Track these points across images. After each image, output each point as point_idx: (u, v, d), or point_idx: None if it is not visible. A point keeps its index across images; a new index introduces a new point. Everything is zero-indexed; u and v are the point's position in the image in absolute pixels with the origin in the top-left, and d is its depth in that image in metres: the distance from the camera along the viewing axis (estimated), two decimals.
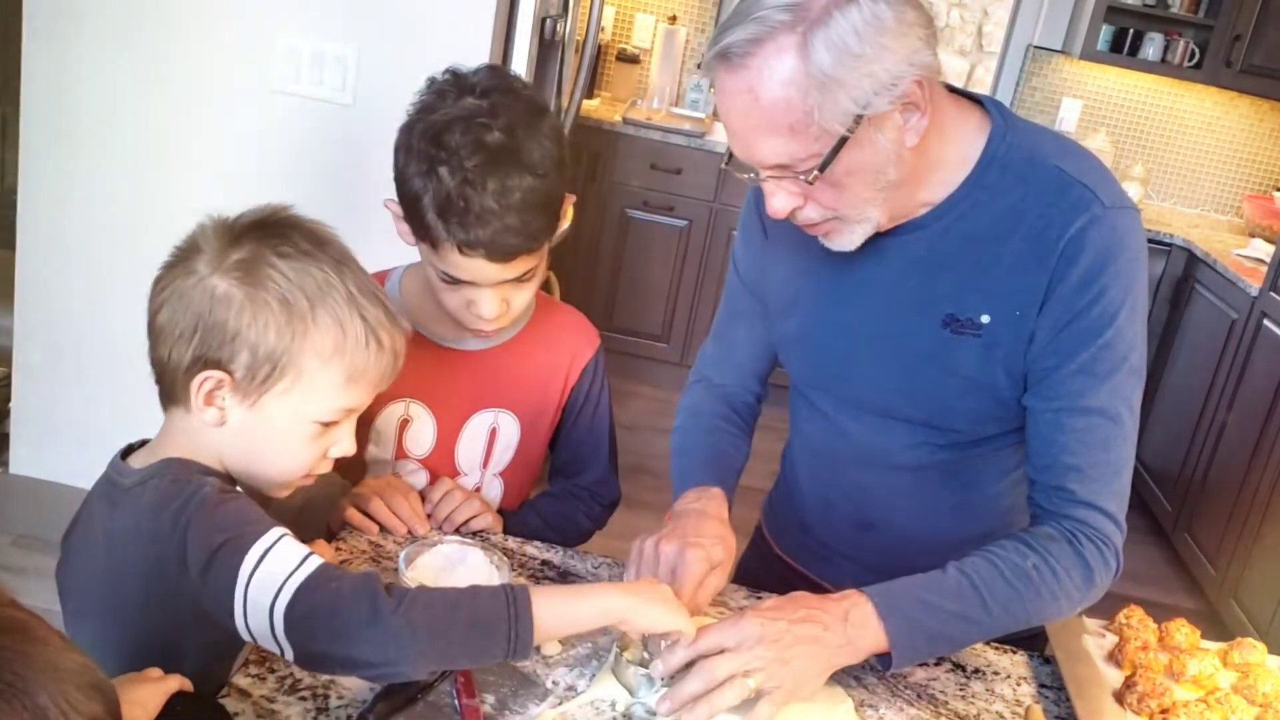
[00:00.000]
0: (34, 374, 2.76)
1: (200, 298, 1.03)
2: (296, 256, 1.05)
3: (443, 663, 1.01)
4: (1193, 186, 4.99)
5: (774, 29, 1.09)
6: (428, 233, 1.29)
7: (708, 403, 1.54)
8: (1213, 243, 4.30)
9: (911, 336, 1.30)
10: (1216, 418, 3.74)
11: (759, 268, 1.45)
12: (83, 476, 1.09)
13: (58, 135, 2.59)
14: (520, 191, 1.28)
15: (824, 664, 1.15)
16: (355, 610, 0.96)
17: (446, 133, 1.27)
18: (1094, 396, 1.23)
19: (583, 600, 1.07)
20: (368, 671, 1.00)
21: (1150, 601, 3.39)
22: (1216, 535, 3.59)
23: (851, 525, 1.48)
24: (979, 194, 1.25)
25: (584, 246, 4.50)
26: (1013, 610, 1.22)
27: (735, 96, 1.13)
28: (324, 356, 1.05)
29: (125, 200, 2.61)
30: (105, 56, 2.53)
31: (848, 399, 1.40)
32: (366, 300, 1.08)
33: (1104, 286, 1.21)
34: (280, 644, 0.97)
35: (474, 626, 0.99)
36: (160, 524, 1.00)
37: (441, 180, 1.26)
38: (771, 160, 1.16)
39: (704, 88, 4.80)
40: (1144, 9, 4.51)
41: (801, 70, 1.09)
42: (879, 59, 1.09)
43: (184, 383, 1.05)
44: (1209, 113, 4.86)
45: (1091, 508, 1.25)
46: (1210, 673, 1.32)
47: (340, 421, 1.11)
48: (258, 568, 0.97)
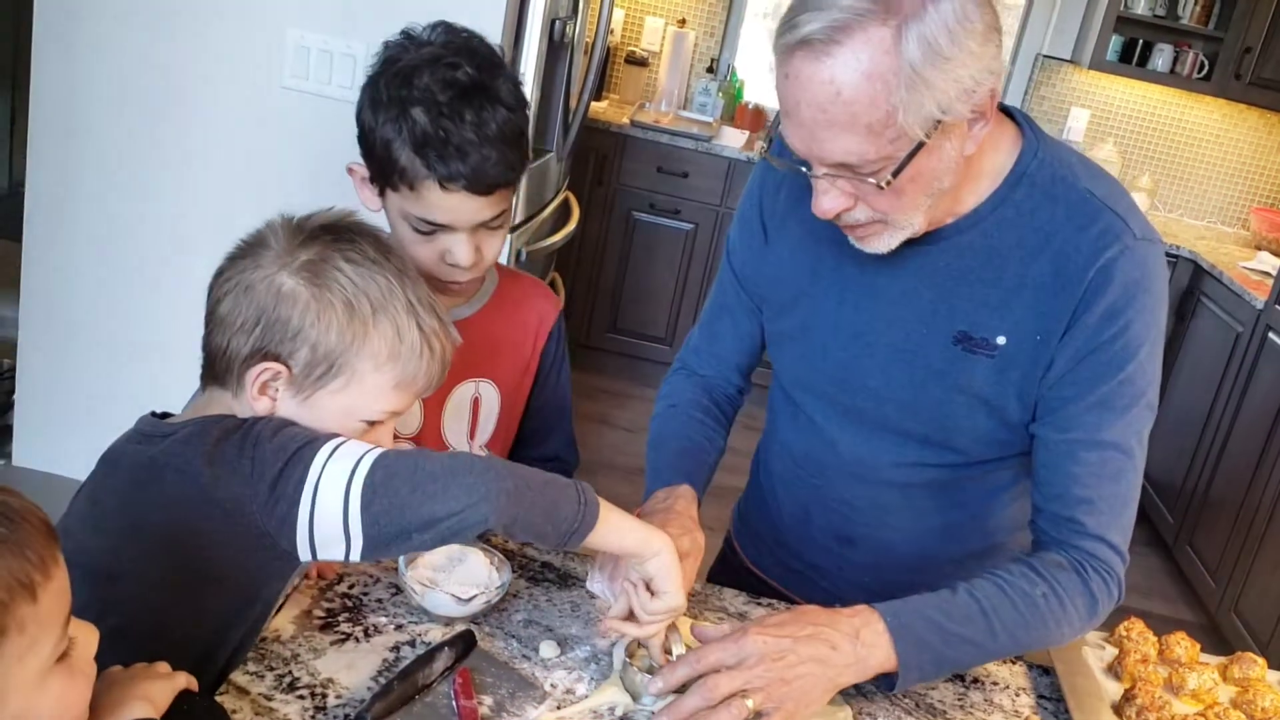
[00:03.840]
0: (38, 366, 2.77)
1: (266, 292, 1.05)
2: (363, 262, 1.08)
3: (520, 507, 1.02)
4: (1200, 198, 4.98)
5: (862, 17, 1.02)
6: (404, 175, 1.28)
7: (688, 392, 1.51)
8: (1219, 255, 4.29)
9: (920, 349, 1.27)
10: (1220, 430, 3.73)
11: (756, 262, 1.42)
12: (86, 469, 1.09)
13: (65, 129, 2.60)
14: (496, 123, 1.28)
15: (829, 683, 1.14)
16: (439, 460, 1.00)
17: (415, 75, 1.27)
18: (1110, 430, 1.22)
19: (632, 523, 1.14)
20: (447, 523, 0.99)
21: (1151, 614, 3.39)
22: (1218, 548, 3.58)
23: (831, 539, 1.44)
24: (1007, 210, 1.22)
25: (590, 248, 4.51)
26: (1017, 636, 1.21)
27: (813, 87, 1.05)
28: (379, 361, 1.08)
29: (131, 195, 2.61)
30: (113, 51, 2.53)
31: (840, 406, 1.37)
32: (424, 310, 1.11)
33: (1129, 320, 1.19)
34: (350, 529, 0.98)
35: (550, 483, 1.06)
36: (224, 448, 1.01)
37: (416, 120, 1.26)
38: (836, 158, 1.10)
39: (711, 92, 4.80)
40: (1154, 20, 4.51)
41: (892, 65, 1.03)
42: (966, 63, 1.05)
43: (240, 371, 1.07)
44: (1218, 124, 4.86)
45: (1100, 540, 1.24)
46: (1210, 687, 1.32)
47: (384, 421, 1.12)
48: (332, 456, 0.99)
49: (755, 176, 1.43)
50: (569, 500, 1.06)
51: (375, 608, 1.24)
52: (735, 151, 4.36)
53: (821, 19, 1.03)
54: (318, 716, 1.06)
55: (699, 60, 4.93)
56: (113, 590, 1.04)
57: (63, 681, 0.75)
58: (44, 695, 0.74)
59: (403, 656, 1.16)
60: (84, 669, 0.78)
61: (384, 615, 1.23)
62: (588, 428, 4.19)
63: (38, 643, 0.72)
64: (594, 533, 1.07)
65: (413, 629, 1.21)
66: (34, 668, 0.72)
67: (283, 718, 1.05)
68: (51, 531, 0.75)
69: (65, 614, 0.75)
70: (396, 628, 1.21)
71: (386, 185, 1.32)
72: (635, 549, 1.13)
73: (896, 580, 1.36)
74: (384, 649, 1.17)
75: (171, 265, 2.60)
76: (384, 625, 1.21)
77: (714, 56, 4.93)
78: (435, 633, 1.21)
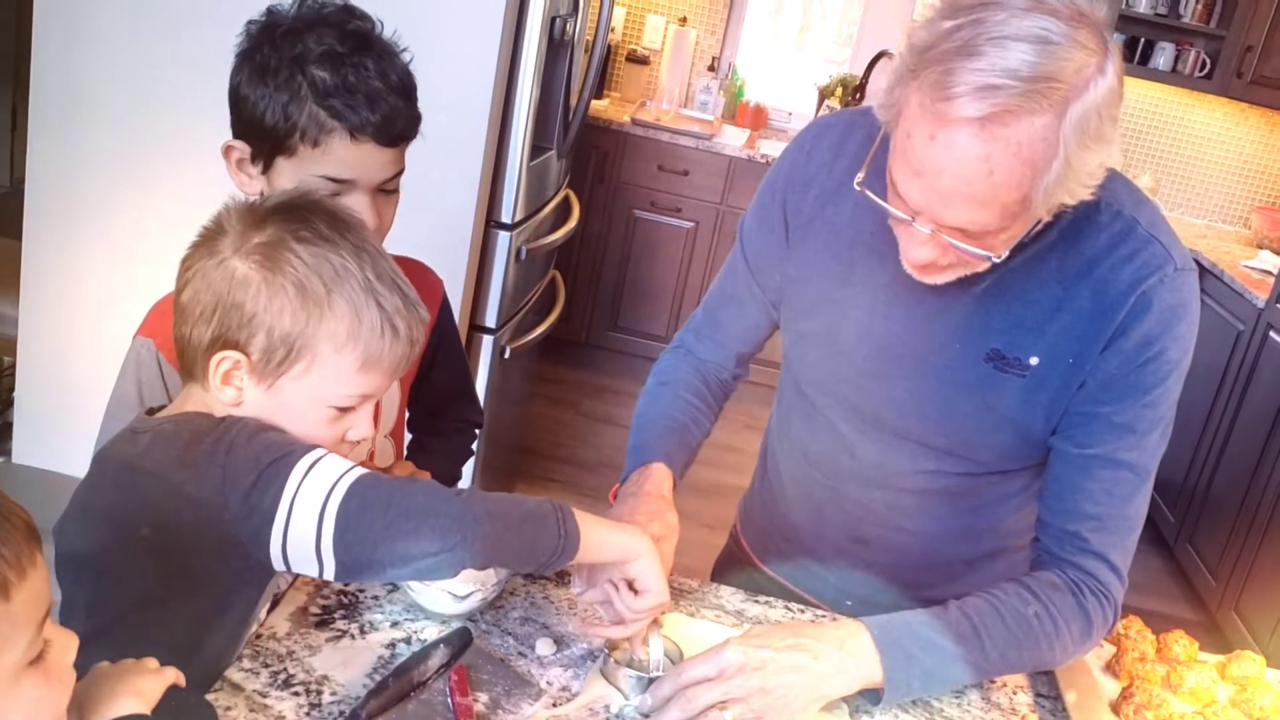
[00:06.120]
0: (38, 364, 2.77)
1: (221, 279, 1.04)
2: (315, 242, 1.05)
3: (497, 550, 1.01)
4: (1201, 197, 4.97)
5: (1030, 97, 0.98)
6: (305, 134, 1.24)
7: (682, 372, 1.49)
8: (1220, 254, 4.29)
9: (951, 365, 1.26)
10: (1221, 429, 3.73)
11: (776, 259, 1.39)
12: (85, 467, 1.09)
13: (66, 127, 2.59)
14: (396, 74, 1.28)
15: (811, 693, 1.13)
16: (415, 496, 0.98)
17: (307, 33, 1.25)
18: (1129, 451, 1.22)
19: (610, 534, 1.12)
20: (421, 563, 0.98)
21: (1151, 612, 3.38)
22: (1219, 546, 3.58)
23: (844, 539, 1.44)
24: (1050, 234, 1.20)
25: (590, 246, 4.51)
26: (1008, 656, 1.21)
27: (967, 163, 1.01)
28: (338, 342, 1.05)
29: (132, 192, 2.61)
30: (114, 47, 2.53)
31: (861, 414, 1.35)
32: (384, 288, 1.07)
33: (1164, 348, 1.19)
34: (321, 554, 0.96)
35: (528, 518, 1.04)
36: (195, 453, 0.99)
37: (315, 76, 1.23)
38: (957, 224, 1.07)
39: (713, 90, 4.79)
40: (1155, 18, 4.51)
41: (1049, 155, 1.00)
42: (1101, 150, 1.04)
43: (203, 361, 1.06)
44: (1219, 123, 4.85)
45: (1101, 559, 1.24)
46: (1208, 685, 1.32)
47: (357, 407, 1.11)
48: (308, 475, 0.97)
49: (782, 168, 1.39)
50: (548, 535, 1.04)
51: (371, 605, 1.24)
52: (736, 150, 4.36)
53: (989, 98, 0.98)
54: (313, 714, 1.06)
55: (700, 58, 4.93)
56: (100, 589, 1.04)
57: (36, 685, 0.74)
58: (15, 697, 0.73)
59: (398, 654, 1.16)
60: (60, 675, 0.77)
61: (379, 612, 1.23)
62: (589, 426, 4.19)
63: (8, 642, 0.72)
64: (576, 556, 1.07)
65: (408, 626, 1.21)
66: (4, 669, 0.72)
67: (278, 715, 1.05)
68: (32, 531, 0.74)
69: (41, 616, 0.74)
70: (392, 625, 1.21)
71: (279, 153, 1.27)
72: (617, 558, 1.13)
73: (908, 578, 1.36)
74: (379, 646, 1.17)
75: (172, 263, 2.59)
76: (379, 622, 1.21)
77: (715, 55, 4.93)
78: (431, 630, 1.21)
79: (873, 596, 1.40)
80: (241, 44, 1.30)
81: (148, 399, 1.25)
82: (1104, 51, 1.02)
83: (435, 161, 2.21)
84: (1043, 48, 0.98)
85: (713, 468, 3.31)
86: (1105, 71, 1.01)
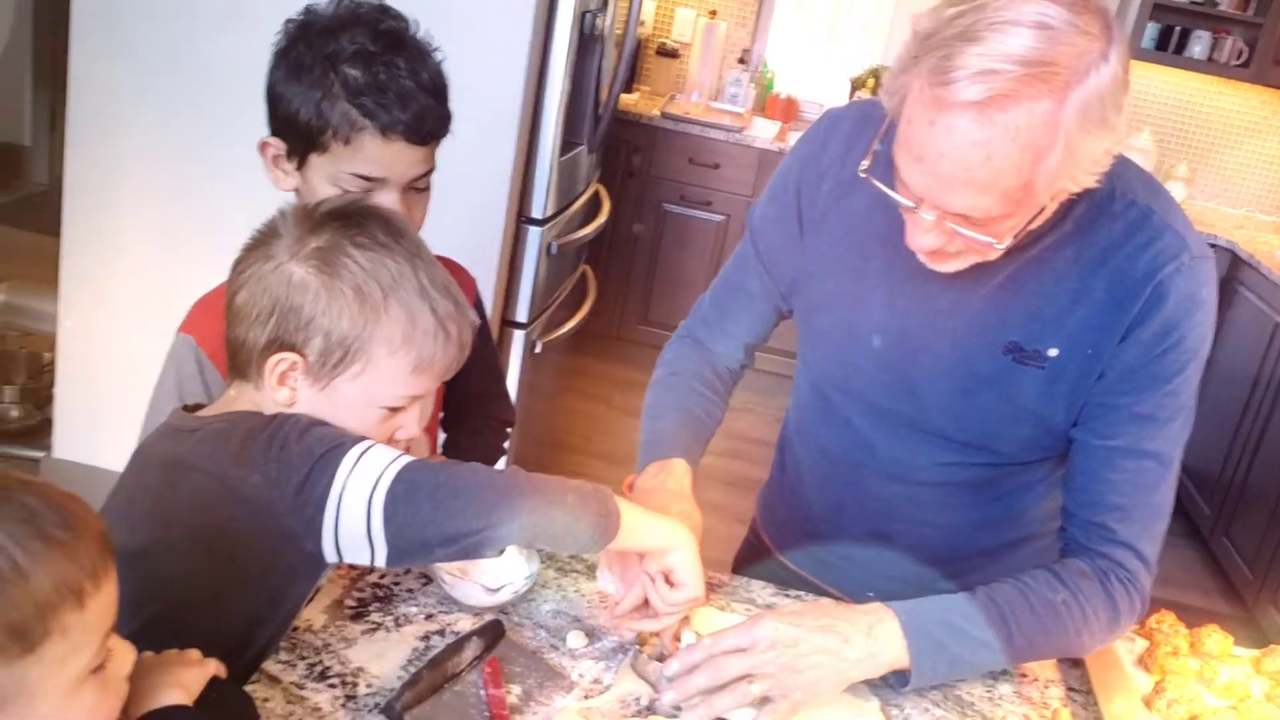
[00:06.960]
0: (77, 360, 2.81)
1: (278, 282, 1.06)
2: (373, 247, 1.07)
3: (540, 527, 1.04)
4: (1238, 187, 4.91)
5: (1029, 83, 0.98)
6: (338, 131, 1.27)
7: (691, 362, 1.49)
8: (1257, 244, 4.24)
9: (970, 359, 1.25)
10: (1258, 419, 3.68)
11: (789, 252, 1.38)
12: (124, 462, 1.11)
13: (104, 127, 2.63)
14: (427, 73, 1.29)
15: (839, 676, 1.14)
16: (462, 476, 1.02)
17: (341, 33, 1.27)
18: (1151, 440, 1.21)
19: (652, 523, 1.15)
20: (469, 540, 1.00)
21: (1186, 605, 3.35)
22: (1256, 539, 3.54)
23: (866, 534, 1.43)
24: (1066, 225, 1.19)
25: (621, 241, 4.51)
26: (1036, 643, 1.21)
27: (965, 148, 1.01)
28: (393, 345, 1.07)
29: (169, 191, 2.64)
30: (151, 47, 2.56)
31: (880, 409, 1.34)
32: (438, 293, 1.10)
33: (1182, 336, 1.18)
34: (372, 539, 0.99)
35: (571, 496, 1.06)
36: (251, 450, 1.02)
37: (351, 70, 1.26)
38: (959, 210, 1.07)
39: (743, 83, 4.78)
40: (1191, 6, 4.45)
41: (1049, 140, 1.00)
42: (1104, 137, 1.03)
43: (259, 363, 1.08)
44: (1256, 112, 4.79)
45: (1128, 549, 1.23)
46: (1242, 680, 1.31)
47: (407, 407, 1.12)
48: (358, 464, 1.00)
49: (795, 159, 1.39)
50: (591, 514, 1.06)
51: (405, 597, 1.25)
52: (767, 142, 4.35)
53: (987, 82, 0.98)
54: (348, 705, 1.07)
55: (730, 51, 4.92)
56: (145, 583, 1.05)
57: (95, 694, 0.76)
58: (75, 705, 0.75)
59: (432, 646, 1.18)
60: (116, 685, 0.79)
61: (414, 605, 1.24)
62: (620, 420, 4.20)
63: (78, 651, 0.73)
64: (616, 540, 1.08)
65: (442, 618, 1.23)
66: (70, 675, 0.73)
67: (314, 706, 1.06)
68: (106, 541, 0.76)
69: (109, 626, 0.76)
70: (426, 617, 1.23)
71: (313, 150, 1.29)
72: (658, 547, 1.15)
73: (931, 570, 1.35)
74: (414, 638, 1.19)
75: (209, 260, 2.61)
76: (414, 615, 1.23)
77: (745, 47, 4.92)
78: (464, 622, 1.22)
79: (896, 588, 1.40)
80: (279, 42, 1.32)
81: (186, 395, 1.27)
82: (1108, 38, 1.01)
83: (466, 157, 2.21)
84: (1042, 33, 0.98)
85: (740, 460, 3.30)
86: (1109, 58, 1.01)
